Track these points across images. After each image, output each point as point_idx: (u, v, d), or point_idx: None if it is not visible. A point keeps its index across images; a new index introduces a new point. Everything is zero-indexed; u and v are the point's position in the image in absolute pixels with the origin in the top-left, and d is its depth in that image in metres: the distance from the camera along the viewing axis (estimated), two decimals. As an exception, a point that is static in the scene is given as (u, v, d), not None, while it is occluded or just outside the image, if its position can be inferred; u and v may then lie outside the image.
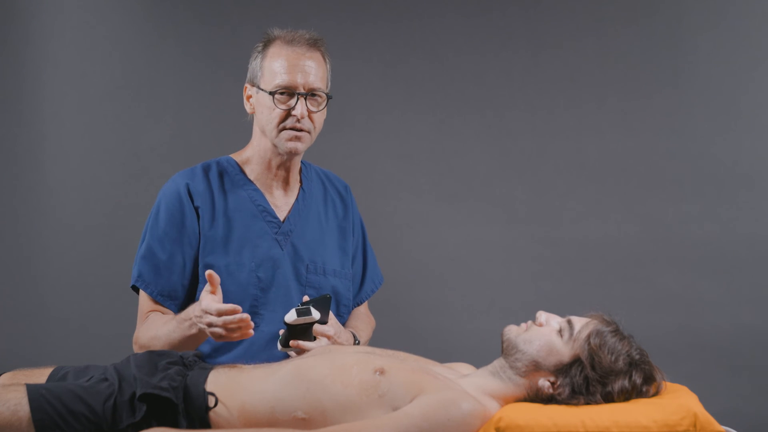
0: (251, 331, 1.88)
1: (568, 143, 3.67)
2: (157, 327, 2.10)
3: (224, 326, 1.86)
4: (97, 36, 3.74)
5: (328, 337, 2.05)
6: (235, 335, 1.88)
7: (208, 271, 1.90)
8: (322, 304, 2.02)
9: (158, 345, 2.07)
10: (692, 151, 3.62)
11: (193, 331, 1.98)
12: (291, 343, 2.03)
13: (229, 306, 1.85)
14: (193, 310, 1.96)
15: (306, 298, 2.09)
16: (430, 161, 3.70)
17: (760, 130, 3.60)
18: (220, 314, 1.85)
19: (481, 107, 3.70)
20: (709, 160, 3.61)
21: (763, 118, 3.60)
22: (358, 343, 2.24)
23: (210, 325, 1.88)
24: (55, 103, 3.72)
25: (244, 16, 3.68)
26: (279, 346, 2.06)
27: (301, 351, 2.01)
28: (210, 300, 1.88)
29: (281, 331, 2.07)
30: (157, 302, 2.17)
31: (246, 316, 1.85)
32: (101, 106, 3.73)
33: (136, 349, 2.16)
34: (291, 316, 1.99)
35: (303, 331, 2.01)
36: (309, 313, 1.98)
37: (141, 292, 2.20)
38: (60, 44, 3.73)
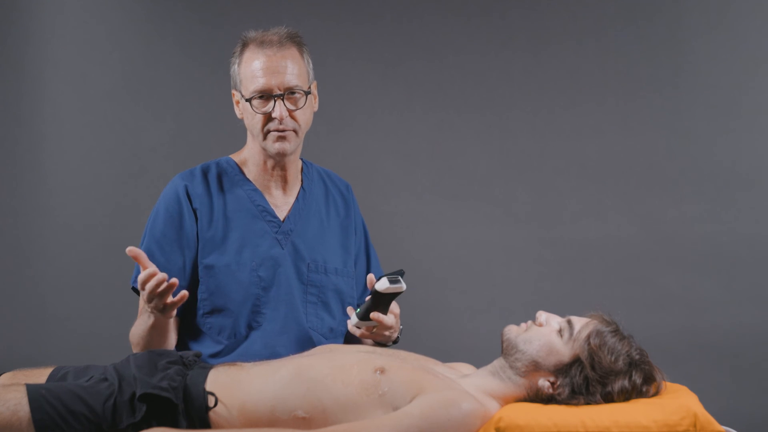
0: (184, 291, 1.93)
1: (568, 143, 3.67)
2: (136, 323, 2.14)
3: (152, 293, 1.90)
4: (97, 36, 3.74)
5: (396, 315, 2.10)
6: (167, 301, 1.92)
7: (128, 248, 1.92)
8: (402, 277, 2.03)
9: (135, 341, 2.11)
10: (692, 151, 3.62)
11: (151, 320, 2.03)
12: (372, 315, 2.03)
13: (146, 271, 1.89)
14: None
15: (372, 278, 2.09)
16: (430, 161, 3.71)
17: (760, 130, 3.60)
18: (143, 285, 1.90)
19: (481, 107, 3.70)
20: (709, 160, 3.61)
21: (763, 118, 3.60)
22: (401, 329, 2.24)
23: (147, 300, 1.93)
24: (55, 103, 3.72)
25: (244, 16, 3.68)
26: (354, 320, 2.08)
27: (378, 325, 2.05)
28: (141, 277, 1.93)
29: (349, 310, 2.07)
30: None
31: (162, 275, 1.89)
32: (101, 106, 3.73)
33: (132, 345, 2.16)
34: (383, 284, 1.99)
35: (386, 303, 2.03)
36: (399, 282, 1.99)
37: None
38: (60, 44, 3.73)
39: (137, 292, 2.23)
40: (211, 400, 1.78)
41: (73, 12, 3.74)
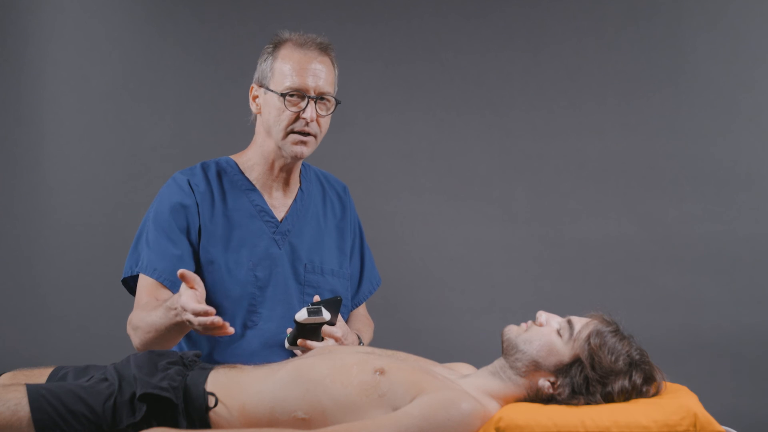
0: (230, 329, 1.85)
1: (568, 143, 3.67)
2: (147, 311, 2.08)
3: (200, 325, 1.84)
4: (97, 36, 3.74)
5: (336, 339, 2.06)
6: (212, 333, 1.86)
7: (180, 271, 1.87)
8: (333, 306, 2.03)
9: (144, 328, 2.05)
10: (692, 151, 3.62)
11: (178, 319, 1.96)
12: (299, 341, 2.03)
13: (202, 307, 1.83)
14: (174, 301, 1.94)
15: (317, 298, 2.09)
16: (430, 161, 3.71)
17: (760, 130, 3.61)
18: (195, 314, 1.83)
19: (481, 107, 3.70)
20: (709, 160, 3.61)
21: (763, 118, 3.61)
22: (361, 345, 2.24)
23: (189, 321, 1.87)
24: (55, 103, 3.72)
25: (244, 16, 3.68)
26: (286, 344, 2.07)
27: (307, 350, 2.02)
28: (189, 297, 1.86)
29: (289, 330, 2.07)
30: (162, 286, 2.15)
31: (218, 320, 1.83)
32: (101, 106, 3.73)
33: (129, 330, 2.14)
34: (302, 315, 1.99)
35: (312, 331, 2.02)
36: (320, 313, 1.98)
37: (140, 280, 2.18)
38: (60, 44, 3.73)
39: (127, 288, 2.23)
40: (211, 401, 1.78)
41: (73, 12, 3.74)
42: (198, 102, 3.72)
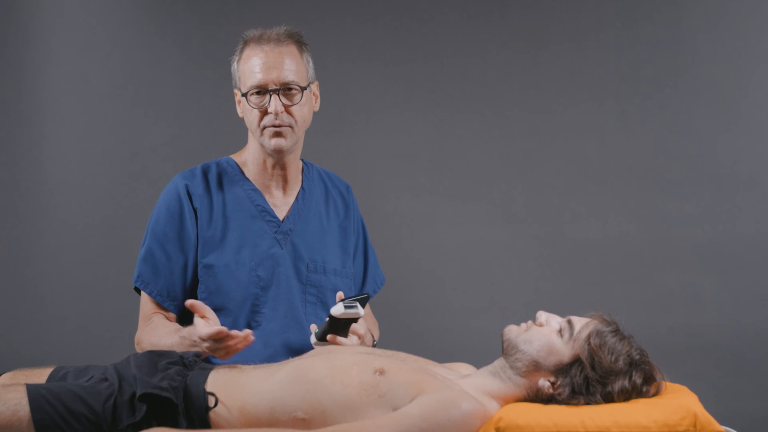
0: (252, 337, 1.92)
1: (568, 143, 3.67)
2: (159, 336, 2.12)
3: (222, 347, 1.90)
4: (97, 36, 3.74)
5: (359, 336, 2.07)
6: (238, 348, 1.92)
7: (188, 302, 1.93)
8: (362, 302, 2.03)
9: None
10: (692, 151, 3.62)
11: (195, 349, 2.01)
12: (328, 337, 2.03)
13: (214, 330, 1.88)
14: (191, 333, 1.98)
15: (341, 295, 2.09)
16: (430, 161, 3.71)
17: (760, 130, 3.61)
18: (210, 339, 1.89)
19: (481, 107, 3.70)
20: (709, 160, 3.61)
21: (763, 118, 3.61)
22: (375, 344, 2.25)
23: (210, 349, 1.92)
24: (55, 103, 3.72)
25: (244, 16, 3.68)
26: (313, 339, 2.07)
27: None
28: (202, 326, 1.91)
29: (312, 327, 2.07)
30: (157, 303, 2.18)
31: (236, 334, 1.90)
32: (101, 106, 3.73)
33: (138, 350, 2.16)
34: (338, 310, 1.99)
35: (343, 326, 2.02)
36: (356, 308, 1.99)
37: (142, 292, 2.21)
38: (60, 44, 3.73)
39: (139, 292, 2.24)
40: (211, 401, 1.78)
41: (73, 12, 3.74)
42: (198, 102, 3.72)
